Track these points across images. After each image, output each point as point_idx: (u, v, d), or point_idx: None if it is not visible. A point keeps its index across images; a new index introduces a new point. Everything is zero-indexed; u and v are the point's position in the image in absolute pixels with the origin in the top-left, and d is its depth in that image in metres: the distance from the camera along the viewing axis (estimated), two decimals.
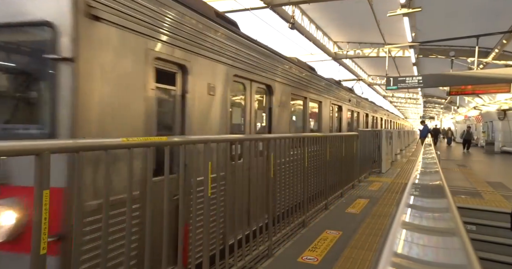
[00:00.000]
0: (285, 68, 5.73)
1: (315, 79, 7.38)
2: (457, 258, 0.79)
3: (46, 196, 1.54)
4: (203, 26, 3.58)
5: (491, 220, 5.65)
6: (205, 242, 2.74)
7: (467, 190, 7.51)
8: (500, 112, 20.16)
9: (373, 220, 5.16)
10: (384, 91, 32.86)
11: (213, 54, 3.76)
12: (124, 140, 2.05)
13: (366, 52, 18.01)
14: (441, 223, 1.16)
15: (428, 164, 3.07)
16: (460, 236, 0.85)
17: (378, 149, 10.58)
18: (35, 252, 1.51)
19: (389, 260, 0.72)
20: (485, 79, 11.40)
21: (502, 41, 12.94)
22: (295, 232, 4.53)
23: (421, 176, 2.19)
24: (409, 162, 13.83)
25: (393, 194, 7.20)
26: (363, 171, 9.12)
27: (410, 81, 12.40)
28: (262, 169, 3.82)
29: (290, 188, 4.58)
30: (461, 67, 15.47)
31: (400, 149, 17.47)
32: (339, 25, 15.67)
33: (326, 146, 5.81)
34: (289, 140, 4.57)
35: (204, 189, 2.78)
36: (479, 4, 11.02)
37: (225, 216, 3.17)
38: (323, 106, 7.91)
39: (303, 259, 3.65)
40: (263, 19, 17.96)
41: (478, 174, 10.29)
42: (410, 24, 11.50)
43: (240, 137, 3.71)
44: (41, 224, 1.53)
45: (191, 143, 2.78)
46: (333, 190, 6.24)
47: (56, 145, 1.66)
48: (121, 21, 2.59)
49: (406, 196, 1.39)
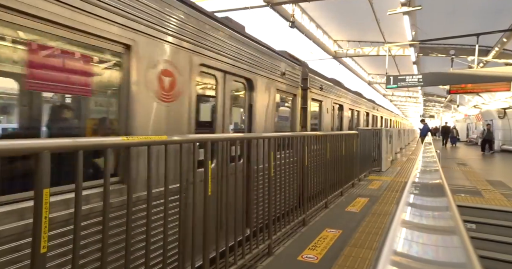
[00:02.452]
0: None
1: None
2: (457, 256, 0.79)
3: (46, 195, 1.55)
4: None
5: (491, 218, 5.66)
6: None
7: (467, 188, 7.52)
8: (500, 110, 20.15)
9: (373, 218, 5.17)
10: (384, 89, 32.83)
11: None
12: (124, 139, 2.05)
13: (366, 50, 18.00)
14: (441, 221, 1.16)
15: (428, 162, 3.07)
16: (460, 235, 0.85)
17: (378, 147, 10.59)
18: (35, 251, 1.51)
19: (389, 259, 0.72)
20: (485, 78, 11.39)
21: (502, 40, 12.94)
22: (295, 230, 4.54)
23: (421, 174, 2.19)
24: (409, 161, 13.83)
25: (393, 192, 7.20)
26: (363, 170, 9.13)
27: (410, 80, 12.40)
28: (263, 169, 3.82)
29: (290, 187, 4.59)
30: (461, 66, 15.48)
31: (400, 147, 17.49)
32: (339, 24, 15.66)
33: (326, 145, 5.81)
34: (289, 139, 4.57)
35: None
36: (479, 2, 11.02)
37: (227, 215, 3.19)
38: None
39: (303, 258, 3.66)
40: (263, 18, 17.97)
41: (479, 172, 10.30)
42: (410, 23, 11.49)
43: (243, 136, 3.69)
44: (41, 223, 1.53)
45: (190, 142, 2.78)
46: (333, 189, 6.24)
47: (56, 144, 1.66)
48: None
49: (406, 194, 1.39)
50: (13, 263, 1.77)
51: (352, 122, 11.26)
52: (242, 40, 4.23)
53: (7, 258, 1.75)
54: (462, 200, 6.35)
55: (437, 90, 28.23)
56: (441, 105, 41.66)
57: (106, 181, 1.93)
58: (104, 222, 1.91)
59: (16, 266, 1.78)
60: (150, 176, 2.27)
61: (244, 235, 3.43)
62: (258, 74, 4.60)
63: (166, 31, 2.93)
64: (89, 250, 2.14)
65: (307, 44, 16.00)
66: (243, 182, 3.61)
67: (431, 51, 15.96)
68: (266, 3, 11.03)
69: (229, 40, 3.91)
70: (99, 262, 1.92)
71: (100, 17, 2.31)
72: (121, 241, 2.22)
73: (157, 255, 2.52)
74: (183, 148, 2.56)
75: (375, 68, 24.57)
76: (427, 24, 12.36)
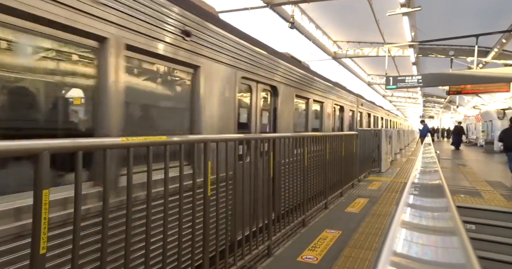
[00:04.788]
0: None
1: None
2: (456, 257, 0.79)
3: (46, 196, 1.54)
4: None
5: (490, 219, 5.66)
6: (206, 242, 2.75)
7: (467, 189, 7.52)
8: (500, 111, 20.16)
9: (373, 219, 5.17)
10: (384, 90, 32.87)
11: None
12: (124, 140, 2.05)
13: (365, 51, 18.02)
14: (441, 222, 1.16)
15: (427, 163, 3.07)
16: (460, 235, 0.85)
17: (378, 148, 10.59)
18: (35, 252, 1.51)
19: (389, 259, 0.72)
20: (485, 79, 11.40)
21: (501, 41, 12.96)
22: (295, 231, 4.54)
23: (420, 175, 2.19)
24: (409, 162, 13.84)
25: (393, 193, 7.21)
26: (363, 171, 9.13)
27: (409, 81, 12.40)
28: (263, 169, 3.84)
29: (290, 188, 4.59)
30: (461, 67, 15.50)
31: (400, 148, 17.49)
32: (339, 25, 15.68)
33: (326, 146, 5.82)
34: (290, 139, 4.58)
35: (203, 189, 2.79)
36: (478, 3, 11.04)
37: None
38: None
39: (303, 259, 3.65)
40: (262, 19, 17.90)
41: (479, 173, 10.30)
42: (409, 24, 11.50)
43: (242, 137, 3.70)
44: (41, 223, 1.53)
45: (190, 142, 2.79)
46: (332, 190, 6.24)
47: (55, 145, 1.66)
48: None
49: (405, 195, 1.39)
50: (11, 264, 1.77)
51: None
52: (270, 57, 5.06)
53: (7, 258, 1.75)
54: (462, 200, 6.36)
55: (437, 91, 28.25)
56: (440, 106, 41.69)
57: (105, 181, 1.93)
58: (127, 218, 2.07)
59: (15, 267, 1.78)
60: (150, 176, 2.27)
61: (271, 220, 3.86)
62: (280, 82, 5.44)
63: (221, 55, 3.79)
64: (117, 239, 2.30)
65: (307, 45, 16.03)
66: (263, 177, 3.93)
67: (430, 52, 15.98)
68: (266, 3, 11.04)
69: (260, 56, 4.74)
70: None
71: (183, 49, 3.19)
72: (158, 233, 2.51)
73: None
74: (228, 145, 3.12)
75: (374, 69, 24.59)
76: (426, 25, 12.37)
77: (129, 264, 2.09)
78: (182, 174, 2.56)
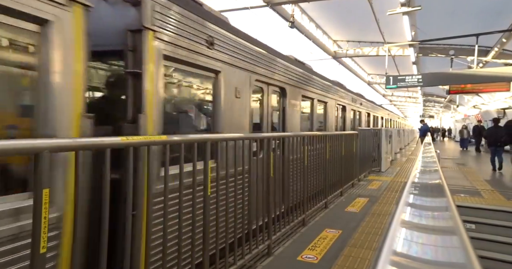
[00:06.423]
0: None
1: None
2: (456, 256, 0.79)
3: (46, 195, 1.54)
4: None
5: (490, 218, 5.66)
6: (206, 242, 2.75)
7: (466, 189, 7.52)
8: (500, 111, 20.15)
9: (373, 218, 5.17)
10: (384, 90, 32.85)
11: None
12: (124, 139, 2.05)
13: (366, 51, 18.00)
14: (441, 221, 1.16)
15: (427, 163, 3.07)
16: (460, 235, 0.85)
17: (378, 148, 10.59)
18: (35, 251, 1.51)
19: (389, 259, 0.72)
20: (485, 78, 11.39)
21: (501, 40, 12.95)
22: (295, 231, 4.54)
23: (420, 175, 2.19)
24: (409, 161, 13.84)
25: (393, 193, 7.21)
26: (363, 170, 9.13)
27: (409, 80, 12.39)
28: (263, 169, 3.84)
29: (290, 187, 4.60)
30: (461, 66, 15.49)
31: (400, 148, 17.48)
32: (339, 24, 15.67)
33: (326, 145, 5.82)
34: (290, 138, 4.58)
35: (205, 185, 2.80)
36: (478, 3, 11.03)
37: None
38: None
39: (303, 258, 3.66)
40: (262, 18, 17.82)
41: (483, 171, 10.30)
42: (410, 23, 11.49)
43: (242, 136, 3.70)
44: (41, 223, 1.53)
45: (189, 142, 2.78)
46: (332, 189, 6.24)
47: (56, 144, 1.66)
48: None
49: (405, 194, 1.39)
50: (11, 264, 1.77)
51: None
52: (278, 61, 5.31)
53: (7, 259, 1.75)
54: (462, 200, 6.36)
55: (437, 90, 28.24)
56: (440, 105, 41.66)
57: (106, 181, 1.93)
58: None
59: (15, 267, 1.78)
60: (150, 173, 2.28)
61: (271, 219, 3.95)
62: (288, 84, 5.69)
63: (237, 60, 4.12)
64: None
65: (307, 44, 16.01)
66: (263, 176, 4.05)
67: (430, 51, 15.96)
68: (266, 3, 11.03)
69: (270, 60, 5.01)
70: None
71: (208, 56, 3.55)
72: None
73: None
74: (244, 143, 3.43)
75: (374, 68, 24.57)
76: (426, 24, 12.35)
77: (129, 262, 2.10)
78: (182, 173, 2.56)
